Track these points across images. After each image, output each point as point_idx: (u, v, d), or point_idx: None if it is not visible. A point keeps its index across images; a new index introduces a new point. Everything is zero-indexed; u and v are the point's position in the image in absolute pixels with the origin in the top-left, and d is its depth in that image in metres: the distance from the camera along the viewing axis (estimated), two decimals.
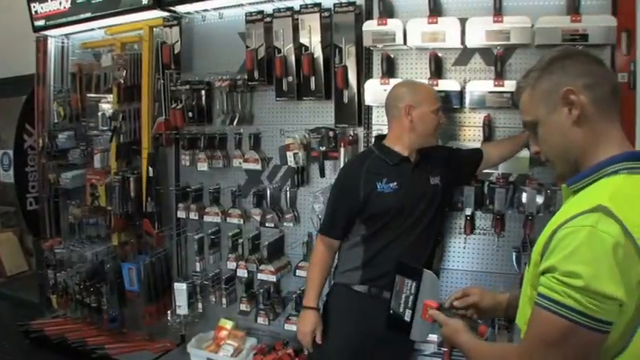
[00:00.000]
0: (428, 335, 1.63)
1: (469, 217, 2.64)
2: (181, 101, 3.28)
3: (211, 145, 3.26)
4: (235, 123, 3.15)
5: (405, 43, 2.60)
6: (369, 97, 2.71)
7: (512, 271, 2.56)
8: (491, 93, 2.48)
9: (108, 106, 3.67)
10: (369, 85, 2.71)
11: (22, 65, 4.29)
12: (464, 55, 2.64)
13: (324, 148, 2.90)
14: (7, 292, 5.11)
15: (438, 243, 2.60)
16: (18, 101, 4.68)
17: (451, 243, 2.75)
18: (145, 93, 3.48)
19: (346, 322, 2.29)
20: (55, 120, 4.02)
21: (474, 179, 2.57)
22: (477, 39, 2.47)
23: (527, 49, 2.48)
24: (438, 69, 2.63)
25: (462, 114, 2.66)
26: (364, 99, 2.76)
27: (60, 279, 3.94)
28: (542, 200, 2.45)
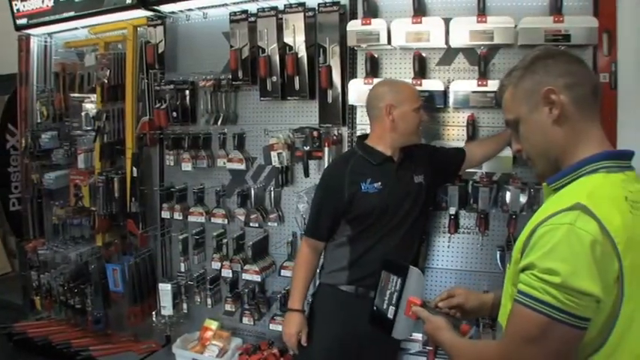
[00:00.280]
0: (410, 334, 1.60)
1: (453, 216, 2.63)
2: (165, 101, 3.24)
3: (195, 145, 3.22)
4: (219, 123, 3.11)
5: (389, 42, 2.58)
6: (353, 97, 2.68)
7: (497, 270, 2.56)
8: (475, 93, 2.47)
9: (91, 106, 3.60)
10: (353, 85, 2.68)
11: (4, 64, 4.21)
12: (448, 55, 2.63)
13: (308, 147, 2.87)
14: None
15: (422, 242, 2.59)
16: (0, 101, 4.59)
17: (435, 242, 2.74)
18: (129, 93, 3.42)
19: (332, 322, 2.26)
20: (38, 120, 3.94)
21: (457, 178, 2.56)
22: (460, 39, 2.46)
23: (511, 49, 2.48)
24: (422, 69, 2.61)
25: (446, 113, 2.65)
26: (348, 99, 2.73)
27: (44, 280, 3.87)
28: (525, 199, 2.45)
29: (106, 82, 3.45)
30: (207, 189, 3.27)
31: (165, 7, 3.21)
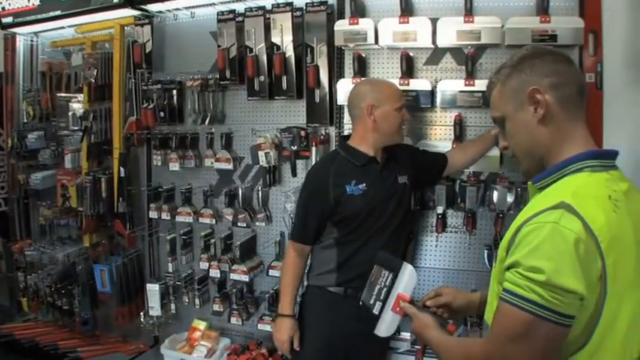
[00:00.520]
0: (392, 331, 1.58)
1: (441, 216, 2.61)
2: (153, 101, 3.19)
3: (183, 145, 3.17)
4: (207, 122, 3.07)
5: (377, 42, 2.55)
6: (340, 97, 2.65)
7: (484, 269, 2.54)
8: (462, 92, 2.45)
9: (78, 106, 3.54)
10: (341, 85, 2.65)
11: None
12: (435, 55, 2.61)
13: (295, 147, 2.84)
14: None
15: (410, 241, 2.57)
16: None
17: (423, 241, 2.72)
18: (116, 92, 3.36)
19: (321, 323, 2.23)
20: (25, 120, 3.88)
21: (444, 178, 2.53)
22: (448, 39, 2.44)
23: (498, 49, 2.47)
24: (409, 68, 2.58)
25: (433, 113, 2.63)
26: (337, 98, 2.69)
27: (30, 281, 3.81)
28: (512, 198, 2.44)
29: (93, 81, 3.40)
30: (194, 189, 3.23)
31: (153, 7, 3.15)
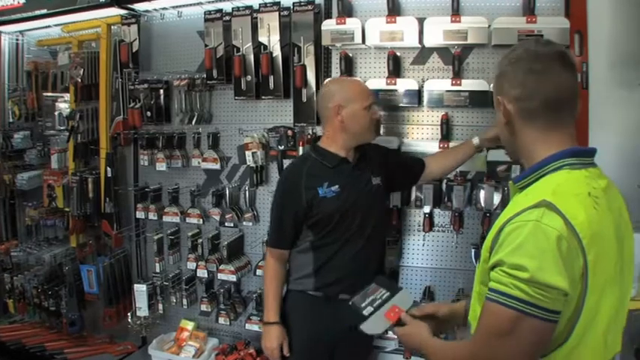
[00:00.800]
0: (377, 332, 1.57)
1: (428, 215, 2.60)
2: (140, 100, 3.14)
3: (170, 145, 3.13)
4: (194, 122, 3.03)
5: (364, 42, 2.53)
6: None
7: (471, 268, 2.52)
8: (449, 92, 2.44)
9: (65, 106, 3.48)
10: None
11: None
12: (422, 55, 2.59)
13: (282, 147, 2.81)
14: None
15: (388, 242, 2.54)
16: None
17: (410, 240, 2.70)
18: (103, 92, 3.30)
19: (304, 326, 2.19)
20: (10, 119, 3.81)
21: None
22: (435, 38, 2.43)
23: (485, 48, 2.46)
24: (396, 68, 2.56)
25: (420, 112, 2.61)
26: None
27: (17, 283, 3.72)
28: (499, 197, 2.43)
29: (80, 81, 3.33)
30: (181, 189, 3.19)
31: (140, 6, 3.09)
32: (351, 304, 1.59)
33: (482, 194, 2.45)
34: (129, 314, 3.36)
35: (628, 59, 2.34)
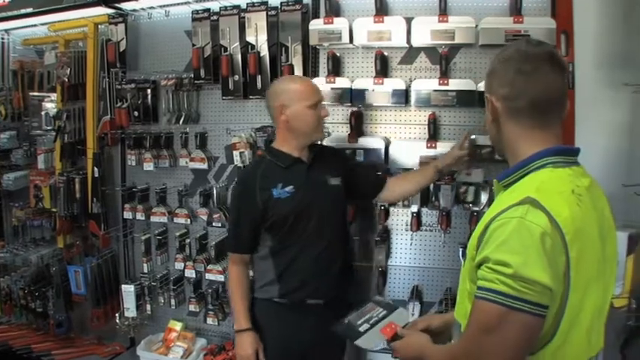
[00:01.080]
0: (372, 348, 1.57)
1: (415, 214, 2.58)
2: (127, 100, 3.10)
3: (157, 145, 3.08)
4: (181, 122, 3.00)
5: (352, 41, 2.51)
6: None
7: (459, 267, 2.47)
8: (437, 91, 2.42)
9: (52, 105, 3.42)
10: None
11: None
12: (409, 54, 2.57)
13: None
14: None
15: (377, 242, 2.53)
16: None
17: (398, 240, 2.68)
18: (90, 92, 3.25)
19: (274, 333, 2.15)
20: None
21: None
22: (422, 38, 2.41)
23: (472, 48, 2.45)
24: (383, 68, 2.54)
25: (408, 112, 2.59)
26: None
27: (3, 284, 3.68)
28: (486, 196, 2.41)
29: (67, 80, 3.28)
30: (169, 189, 3.15)
31: (127, 5, 3.05)
32: (347, 322, 1.60)
33: (469, 193, 2.44)
34: (117, 315, 3.31)
35: (614, 59, 2.35)
